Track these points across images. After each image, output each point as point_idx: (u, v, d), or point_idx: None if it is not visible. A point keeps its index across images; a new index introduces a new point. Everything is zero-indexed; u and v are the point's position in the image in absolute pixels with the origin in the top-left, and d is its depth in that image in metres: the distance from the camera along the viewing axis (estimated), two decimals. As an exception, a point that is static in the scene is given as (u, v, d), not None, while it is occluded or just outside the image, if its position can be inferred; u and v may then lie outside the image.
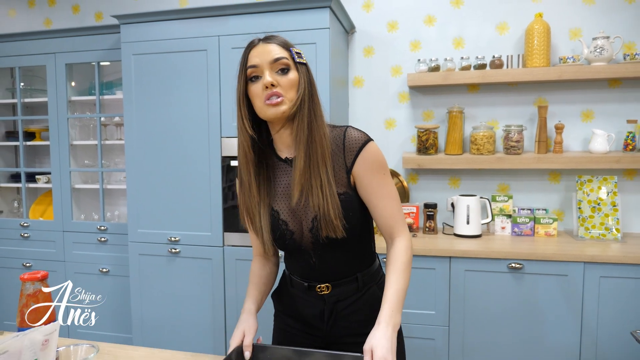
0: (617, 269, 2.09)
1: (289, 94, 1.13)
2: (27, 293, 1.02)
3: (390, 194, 1.19)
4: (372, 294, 1.25)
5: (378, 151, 1.19)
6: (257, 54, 1.15)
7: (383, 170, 1.18)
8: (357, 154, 1.16)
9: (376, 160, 1.17)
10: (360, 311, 1.25)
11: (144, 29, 2.54)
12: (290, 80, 1.14)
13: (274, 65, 1.13)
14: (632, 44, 2.49)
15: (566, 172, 2.60)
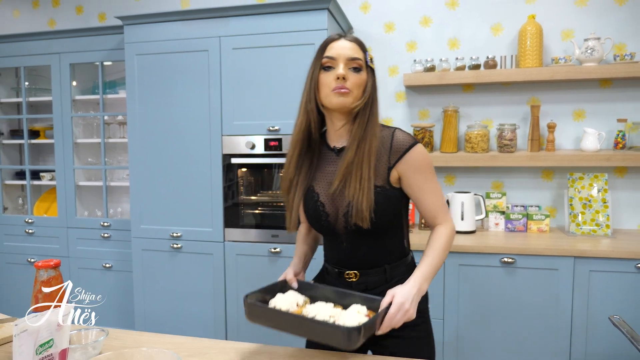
0: (606, 263, 2.16)
1: (355, 91, 1.23)
2: (41, 280, 1.08)
3: (433, 190, 1.28)
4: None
5: (423, 153, 1.28)
6: (337, 47, 1.24)
7: (427, 169, 1.27)
8: (401, 155, 1.24)
9: (421, 161, 1.26)
10: None
11: (147, 30, 2.61)
12: (360, 79, 1.24)
13: (349, 62, 1.23)
14: (623, 45, 2.55)
15: (558, 170, 2.67)
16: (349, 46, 1.25)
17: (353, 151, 1.22)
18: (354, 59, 1.23)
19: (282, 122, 2.46)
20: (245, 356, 1.11)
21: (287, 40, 2.42)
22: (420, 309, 1.22)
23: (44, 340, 0.90)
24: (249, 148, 2.51)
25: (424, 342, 1.29)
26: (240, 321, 2.60)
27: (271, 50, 2.45)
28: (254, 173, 2.65)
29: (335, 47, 1.24)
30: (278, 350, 1.14)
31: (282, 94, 2.45)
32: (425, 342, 1.30)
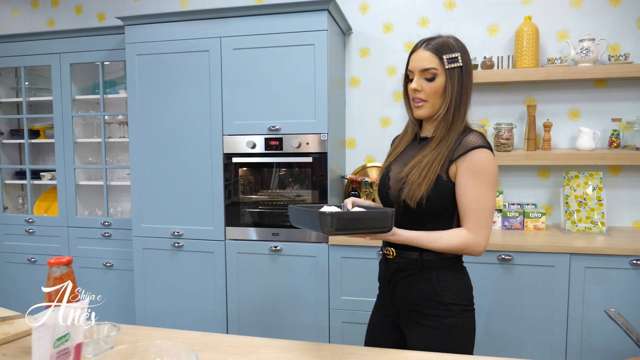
0: (601, 260, 2.20)
1: (431, 99, 1.33)
2: (54, 276, 1.11)
3: (476, 196, 1.29)
4: (430, 280, 1.34)
5: (486, 158, 1.30)
6: (413, 59, 1.36)
7: (481, 175, 1.29)
8: (463, 153, 1.30)
9: (478, 164, 1.29)
10: (416, 288, 1.35)
11: (147, 30, 2.63)
12: (434, 87, 1.32)
13: (422, 74, 1.33)
14: (617, 46, 2.60)
15: (554, 169, 2.72)
16: (424, 56, 1.32)
17: (431, 149, 1.33)
18: (426, 69, 1.32)
19: (283, 122, 2.49)
20: (254, 349, 1.14)
21: (288, 40, 2.45)
22: (447, 303, 1.31)
23: (61, 334, 0.93)
24: (249, 147, 2.54)
25: (448, 335, 1.31)
26: (242, 319, 2.63)
27: (271, 51, 2.48)
28: (255, 172, 2.68)
29: (413, 59, 1.36)
30: (285, 344, 1.17)
31: (282, 94, 2.48)
32: (449, 335, 1.32)
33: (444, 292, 1.32)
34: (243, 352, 1.12)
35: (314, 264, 2.50)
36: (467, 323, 1.35)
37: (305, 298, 2.52)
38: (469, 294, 1.38)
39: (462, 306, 1.35)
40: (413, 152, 1.41)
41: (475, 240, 1.30)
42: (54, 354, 0.91)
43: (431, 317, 1.31)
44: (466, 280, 1.41)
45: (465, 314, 1.35)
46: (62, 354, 0.93)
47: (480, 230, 1.29)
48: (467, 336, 1.35)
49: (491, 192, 1.31)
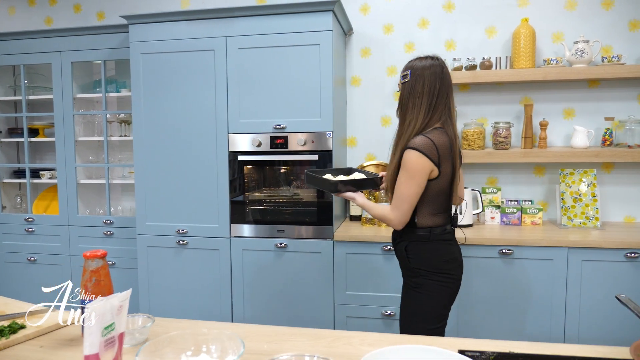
0: (597, 253, 2.30)
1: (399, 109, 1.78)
2: (90, 269, 1.13)
3: (398, 185, 1.66)
4: (402, 248, 1.74)
5: (409, 158, 1.62)
6: None
7: (404, 170, 1.64)
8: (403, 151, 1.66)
9: (404, 161, 1.64)
10: (397, 254, 1.79)
11: (152, 29, 2.65)
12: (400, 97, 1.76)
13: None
14: (610, 47, 2.70)
15: (550, 166, 2.81)
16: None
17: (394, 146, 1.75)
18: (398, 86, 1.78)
19: (288, 121, 2.53)
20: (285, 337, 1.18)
21: (293, 40, 2.49)
22: (412, 267, 1.69)
23: (108, 323, 0.96)
24: (255, 146, 2.57)
25: (414, 290, 1.69)
26: (247, 316, 2.66)
27: (277, 50, 2.52)
28: (260, 170, 2.71)
29: None
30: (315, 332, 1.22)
31: (287, 93, 2.52)
32: (415, 291, 1.68)
33: (410, 259, 1.71)
34: (275, 340, 1.16)
35: (319, 260, 2.54)
36: (433, 285, 1.66)
37: (310, 294, 2.56)
38: (436, 263, 1.68)
39: (426, 271, 1.67)
40: None
41: (391, 216, 1.67)
42: (102, 342, 0.94)
43: (405, 276, 1.76)
44: (437, 252, 1.70)
45: (430, 276, 1.67)
46: (109, 342, 0.96)
47: (395, 209, 1.66)
48: (434, 295, 1.67)
49: (408, 183, 1.63)
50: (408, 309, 1.71)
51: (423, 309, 1.67)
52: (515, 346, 1.08)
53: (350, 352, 1.07)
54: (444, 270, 1.69)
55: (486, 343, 1.11)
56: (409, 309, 1.70)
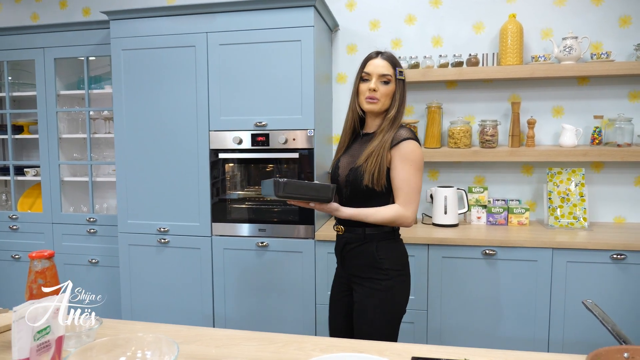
0: (583, 254, 2.24)
1: (383, 99, 1.63)
2: (35, 270, 1.10)
3: (405, 178, 1.59)
4: (370, 250, 1.64)
5: (411, 148, 1.59)
6: (372, 65, 1.64)
7: (408, 161, 1.59)
8: (396, 144, 1.60)
9: (405, 153, 1.59)
10: (361, 257, 1.66)
11: (133, 25, 2.61)
12: (388, 89, 1.63)
13: (380, 77, 1.62)
14: (599, 44, 2.64)
15: (538, 165, 2.75)
16: (382, 64, 1.63)
17: (378, 139, 1.62)
18: (384, 74, 1.62)
19: (269, 118, 2.49)
20: (236, 342, 1.14)
21: (274, 36, 2.45)
22: (384, 268, 1.62)
23: (41, 327, 0.92)
24: (236, 143, 2.54)
25: (383, 294, 1.61)
26: (228, 315, 2.63)
27: (258, 47, 2.48)
28: (242, 168, 2.68)
29: (371, 65, 1.64)
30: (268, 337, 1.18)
31: (268, 90, 2.48)
32: (383, 295, 1.61)
33: (382, 260, 1.62)
34: (225, 344, 1.12)
35: (301, 260, 2.51)
36: (400, 285, 1.64)
37: (292, 293, 2.53)
38: (404, 260, 1.68)
39: (397, 271, 1.64)
40: (359, 146, 1.70)
41: (405, 212, 1.59)
42: (35, 346, 0.91)
43: (372, 280, 1.62)
44: (401, 250, 1.70)
45: (400, 278, 1.64)
46: (42, 347, 0.93)
47: (408, 204, 1.60)
48: (400, 296, 1.65)
49: (417, 174, 1.60)
50: (371, 313, 1.61)
51: (391, 312, 1.62)
52: (470, 353, 1.04)
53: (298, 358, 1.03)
54: (408, 267, 1.70)
55: (441, 349, 1.07)
56: (373, 313, 1.61)
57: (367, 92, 1.64)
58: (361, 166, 1.61)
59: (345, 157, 1.73)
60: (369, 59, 1.67)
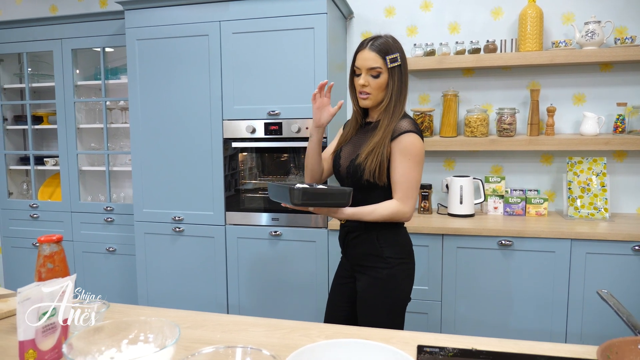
0: (602, 245, 2.18)
1: (375, 92, 1.58)
2: (43, 254, 1.11)
3: (404, 172, 1.55)
4: (372, 239, 1.61)
5: (411, 141, 1.55)
6: (360, 58, 1.58)
7: (408, 155, 1.54)
8: (395, 136, 1.55)
9: (404, 146, 1.54)
10: (362, 246, 1.64)
11: (147, 15, 2.62)
12: (379, 83, 1.57)
13: (369, 71, 1.56)
14: (624, 29, 2.54)
15: (557, 154, 2.68)
16: (370, 57, 1.55)
17: (382, 130, 1.57)
18: (372, 68, 1.55)
19: (282, 107, 2.48)
20: (243, 327, 1.14)
21: (287, 24, 2.43)
22: (385, 256, 1.59)
23: (46, 308, 0.93)
24: (249, 132, 2.53)
25: (385, 283, 1.58)
26: (242, 303, 2.64)
27: (271, 35, 2.46)
28: (255, 157, 2.67)
29: (359, 58, 1.58)
30: (275, 323, 1.18)
31: (282, 78, 2.47)
32: (385, 283, 1.58)
33: (383, 248, 1.60)
34: (231, 329, 1.12)
35: (314, 249, 2.50)
36: (403, 273, 1.61)
37: (305, 282, 2.53)
38: (406, 249, 1.65)
39: (399, 259, 1.61)
40: (361, 136, 1.67)
41: (403, 208, 1.56)
42: (40, 328, 0.92)
43: (374, 269, 1.60)
44: (403, 239, 1.66)
45: (401, 266, 1.61)
46: (48, 329, 0.94)
47: (406, 200, 1.56)
48: (403, 284, 1.62)
49: (417, 169, 1.56)
50: (374, 302, 1.59)
51: (394, 300, 1.60)
52: (478, 342, 1.01)
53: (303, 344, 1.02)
54: (412, 254, 1.68)
55: (449, 338, 1.04)
56: (376, 302, 1.59)
57: (359, 87, 1.59)
58: (361, 163, 1.57)
59: (347, 146, 1.70)
60: (358, 51, 1.60)
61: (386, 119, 1.58)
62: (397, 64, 1.57)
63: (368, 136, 1.63)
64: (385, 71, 1.56)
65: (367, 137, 1.63)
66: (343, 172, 1.67)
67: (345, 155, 1.69)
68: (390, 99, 1.58)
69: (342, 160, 1.69)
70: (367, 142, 1.60)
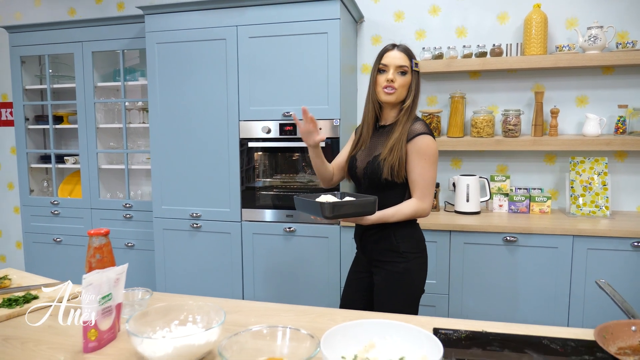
0: (603, 241, 2.28)
1: (400, 89, 1.69)
2: (93, 246, 1.23)
3: (421, 172, 1.66)
4: (389, 235, 1.72)
5: (426, 143, 1.66)
6: (389, 56, 1.70)
7: (424, 156, 1.66)
8: (411, 138, 1.67)
9: (420, 148, 1.66)
10: (380, 243, 1.75)
11: (166, 20, 2.73)
12: (405, 80, 1.70)
13: (397, 69, 1.68)
14: (625, 33, 2.64)
15: (561, 154, 2.78)
16: (399, 56, 1.69)
17: (399, 131, 1.68)
18: (401, 66, 1.68)
19: (297, 108, 2.59)
20: (274, 313, 1.25)
21: (301, 29, 2.54)
22: (401, 251, 1.70)
23: (105, 293, 1.05)
24: (264, 132, 2.65)
25: (401, 276, 1.70)
26: (257, 297, 2.76)
27: (286, 39, 2.57)
28: (270, 156, 2.79)
29: (388, 57, 1.70)
30: (303, 309, 1.29)
31: (296, 81, 2.57)
32: (402, 276, 1.70)
33: (400, 244, 1.71)
34: (264, 314, 1.23)
35: (326, 245, 2.61)
36: (418, 267, 1.73)
37: (317, 277, 2.64)
38: (421, 245, 1.77)
39: (414, 254, 1.72)
40: (375, 139, 1.76)
41: (422, 205, 1.69)
42: (100, 310, 1.03)
43: (391, 263, 1.71)
44: (418, 234, 1.78)
45: (417, 260, 1.73)
46: (105, 311, 1.06)
47: (425, 198, 1.68)
48: (418, 277, 1.74)
49: (432, 168, 1.68)
50: (391, 294, 1.70)
51: (410, 292, 1.71)
52: (488, 326, 1.13)
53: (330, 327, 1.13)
54: (425, 250, 1.78)
55: (460, 322, 1.16)
56: (393, 294, 1.69)
57: (384, 83, 1.68)
58: (381, 160, 1.66)
59: (365, 151, 1.78)
60: (385, 51, 1.72)
61: (404, 119, 1.69)
62: (417, 69, 1.73)
63: (384, 138, 1.72)
64: (410, 72, 1.70)
65: (384, 139, 1.72)
66: (360, 173, 1.77)
67: (361, 157, 1.78)
68: (412, 99, 1.71)
69: (359, 162, 1.78)
70: (385, 142, 1.70)
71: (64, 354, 1.03)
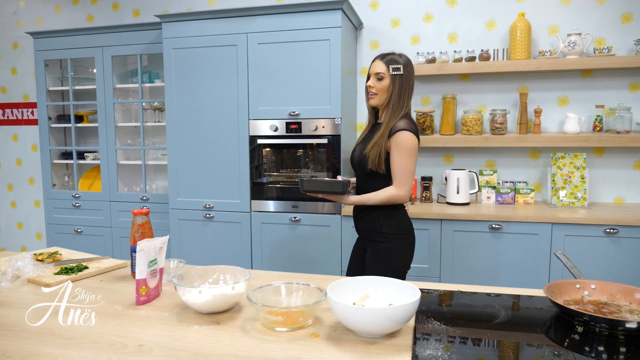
0: (579, 228, 2.53)
1: (379, 93, 1.95)
2: (137, 223, 1.47)
3: (400, 163, 1.89)
4: (373, 218, 1.97)
5: (404, 137, 1.87)
6: (372, 66, 1.97)
7: (402, 149, 1.88)
8: (392, 134, 1.89)
9: (399, 142, 1.88)
10: (366, 224, 2.02)
11: (182, 27, 2.98)
12: (382, 85, 1.94)
13: (375, 76, 1.94)
14: (602, 40, 2.89)
15: (544, 150, 3.03)
16: (378, 64, 1.95)
17: (381, 130, 1.92)
18: (377, 73, 1.94)
19: (302, 108, 2.83)
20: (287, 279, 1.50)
21: (306, 36, 2.79)
22: (384, 232, 1.94)
23: (152, 258, 1.29)
24: (272, 130, 2.89)
25: (385, 254, 1.94)
26: (265, 280, 3.00)
27: (292, 45, 2.82)
28: (277, 152, 3.04)
29: (371, 66, 1.98)
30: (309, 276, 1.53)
31: (301, 83, 2.82)
32: (385, 254, 1.94)
33: (382, 226, 1.95)
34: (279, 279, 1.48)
35: (328, 233, 2.86)
36: (400, 247, 1.97)
37: (321, 263, 2.89)
38: (403, 227, 1.98)
39: (396, 235, 1.95)
40: (370, 135, 2.02)
41: (398, 192, 1.90)
42: (148, 272, 1.28)
43: (375, 242, 1.97)
44: (401, 218, 1.99)
45: (398, 240, 1.96)
46: (152, 273, 1.30)
47: (402, 185, 1.90)
48: (400, 255, 1.97)
49: (410, 160, 1.89)
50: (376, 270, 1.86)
51: (393, 268, 1.91)
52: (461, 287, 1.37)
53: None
54: (409, 231, 2.00)
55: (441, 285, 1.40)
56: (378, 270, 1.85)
57: (368, 89, 1.97)
58: (366, 153, 1.93)
59: (360, 144, 2.04)
60: (372, 62, 1.98)
61: (387, 118, 1.92)
62: (398, 73, 1.92)
63: (374, 134, 1.98)
64: (387, 77, 1.92)
65: (374, 135, 1.98)
66: (355, 162, 2.04)
67: (358, 149, 2.04)
68: (390, 99, 1.92)
69: (356, 153, 2.05)
70: (373, 137, 1.95)
71: (121, 305, 1.28)
